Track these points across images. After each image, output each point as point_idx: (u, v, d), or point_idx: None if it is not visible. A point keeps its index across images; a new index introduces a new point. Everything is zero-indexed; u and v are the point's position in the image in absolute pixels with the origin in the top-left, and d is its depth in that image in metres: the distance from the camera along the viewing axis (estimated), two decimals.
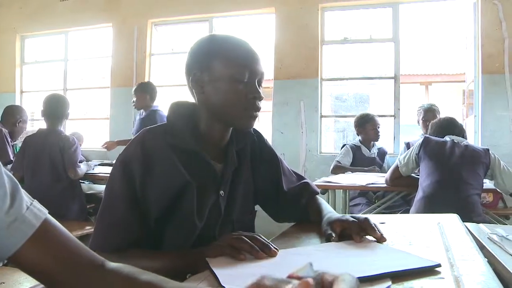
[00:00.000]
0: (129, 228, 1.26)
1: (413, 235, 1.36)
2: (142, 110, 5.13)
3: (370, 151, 4.76)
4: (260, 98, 1.37)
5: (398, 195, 3.77)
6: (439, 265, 0.98)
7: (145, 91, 5.03)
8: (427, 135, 3.43)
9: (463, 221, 1.58)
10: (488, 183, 3.35)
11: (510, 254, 1.22)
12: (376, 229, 1.24)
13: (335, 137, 6.77)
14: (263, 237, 1.16)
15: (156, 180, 1.29)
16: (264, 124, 6.35)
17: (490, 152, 3.22)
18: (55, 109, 3.74)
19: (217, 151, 1.45)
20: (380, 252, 1.12)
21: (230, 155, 1.46)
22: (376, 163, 4.68)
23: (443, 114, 4.38)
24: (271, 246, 1.12)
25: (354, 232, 1.24)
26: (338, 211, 3.85)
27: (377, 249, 1.15)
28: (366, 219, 1.27)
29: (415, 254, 1.09)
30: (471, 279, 0.91)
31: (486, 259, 1.18)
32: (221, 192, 1.41)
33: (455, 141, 3.26)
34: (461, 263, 1.02)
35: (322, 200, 1.64)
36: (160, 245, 1.33)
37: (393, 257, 1.07)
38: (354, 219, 1.29)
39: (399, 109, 5.39)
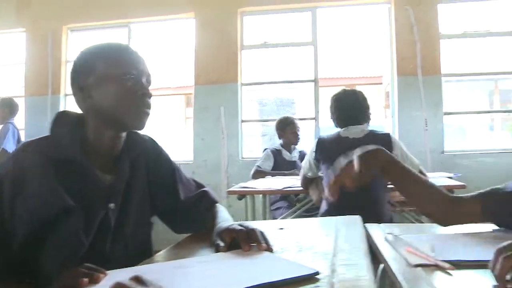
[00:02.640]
0: None
1: (307, 241, 1.33)
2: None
3: (291, 155, 4.76)
4: (149, 95, 1.35)
5: None
6: (317, 273, 0.95)
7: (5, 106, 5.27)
8: (321, 136, 3.30)
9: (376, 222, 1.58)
10: None
11: (400, 254, 1.20)
12: (263, 239, 1.20)
13: (259, 141, 6.78)
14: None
15: (27, 200, 1.19)
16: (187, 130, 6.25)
17: (391, 137, 3.04)
18: None
19: (108, 161, 1.38)
20: (263, 262, 1.07)
21: (122, 165, 1.39)
22: (297, 167, 4.67)
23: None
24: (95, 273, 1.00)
25: (242, 241, 1.19)
26: (258, 216, 3.84)
27: (261, 258, 1.10)
28: (253, 229, 1.23)
29: (301, 261, 1.06)
30: (347, 284, 0.88)
31: (383, 263, 1.16)
32: (111, 205, 1.33)
33: (350, 137, 3.02)
34: (343, 268, 1.00)
35: (221, 208, 1.58)
36: (40, 265, 1.22)
37: (274, 266, 1.03)
38: (242, 228, 1.24)
39: (318, 112, 5.46)
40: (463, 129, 6.94)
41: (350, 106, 3.13)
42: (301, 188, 3.44)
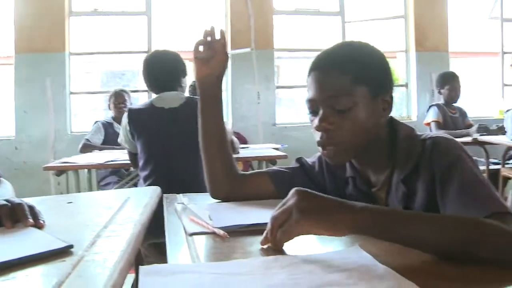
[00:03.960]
0: None
1: (87, 213, 1.26)
2: None
3: None
4: None
5: None
6: (71, 246, 0.88)
7: None
8: (131, 107, 3.01)
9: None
10: None
11: (182, 223, 1.19)
12: (28, 215, 1.09)
13: (90, 114, 6.47)
14: None
15: None
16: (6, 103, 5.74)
17: None
18: None
19: None
20: (18, 239, 0.98)
21: None
22: None
23: None
24: None
25: (4, 217, 1.08)
26: (83, 192, 3.65)
27: (19, 235, 1.00)
28: (20, 204, 1.11)
29: (65, 234, 0.98)
30: (98, 257, 0.83)
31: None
32: None
33: (165, 108, 2.73)
34: (105, 240, 0.95)
35: (4, 184, 1.44)
36: None
37: (27, 242, 0.95)
38: (6, 203, 1.12)
39: None
40: (295, 103, 7.26)
41: (160, 69, 2.79)
42: (124, 162, 3.26)
